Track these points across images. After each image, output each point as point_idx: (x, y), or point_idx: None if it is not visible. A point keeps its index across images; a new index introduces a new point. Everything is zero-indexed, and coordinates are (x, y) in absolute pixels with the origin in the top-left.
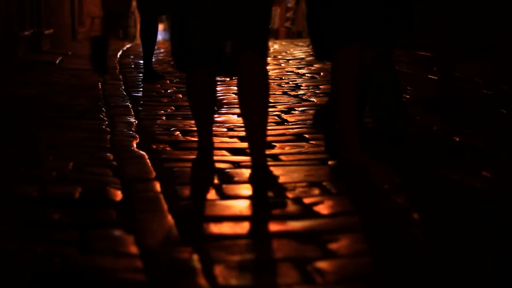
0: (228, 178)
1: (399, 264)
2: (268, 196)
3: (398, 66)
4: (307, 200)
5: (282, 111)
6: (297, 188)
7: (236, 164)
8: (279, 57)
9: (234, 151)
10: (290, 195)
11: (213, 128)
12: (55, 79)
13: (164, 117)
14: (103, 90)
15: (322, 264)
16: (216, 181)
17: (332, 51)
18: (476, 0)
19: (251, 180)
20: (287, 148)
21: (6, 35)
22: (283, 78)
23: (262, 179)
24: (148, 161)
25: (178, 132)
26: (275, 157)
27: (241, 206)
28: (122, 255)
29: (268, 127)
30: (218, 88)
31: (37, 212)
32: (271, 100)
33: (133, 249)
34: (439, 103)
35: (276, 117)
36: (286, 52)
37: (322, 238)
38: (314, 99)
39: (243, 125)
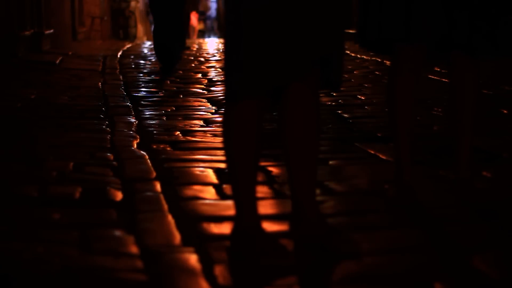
0: (228, 178)
1: (399, 263)
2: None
3: None
4: None
5: None
6: None
7: None
8: None
9: None
10: (290, 195)
11: (214, 129)
12: (55, 79)
13: (164, 117)
14: (103, 90)
15: (323, 264)
16: (216, 181)
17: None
18: None
19: (304, 238)
20: None
21: (6, 35)
22: None
23: (318, 237)
24: (148, 161)
25: (178, 132)
26: (276, 157)
27: None
28: (122, 255)
29: (269, 127)
30: (218, 88)
31: (37, 212)
32: None
33: (133, 249)
34: None
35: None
36: None
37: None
38: None
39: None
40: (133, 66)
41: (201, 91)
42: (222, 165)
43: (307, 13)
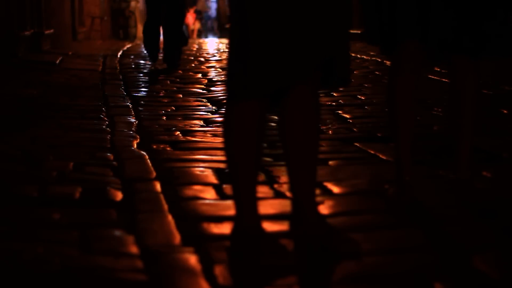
0: (228, 178)
1: (399, 263)
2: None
3: None
4: None
5: None
6: None
7: None
8: None
9: None
10: (290, 195)
11: (214, 129)
12: (56, 79)
13: (164, 117)
14: (103, 90)
15: (323, 264)
16: (216, 181)
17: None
18: None
19: (304, 238)
20: None
21: (6, 35)
22: None
23: (318, 237)
24: (148, 161)
25: (178, 132)
26: (276, 157)
27: None
28: (122, 255)
29: (268, 127)
30: (218, 88)
31: (37, 212)
32: None
33: (133, 249)
34: None
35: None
36: None
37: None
38: None
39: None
40: (133, 66)
41: (201, 91)
42: (222, 165)
43: (313, 14)
